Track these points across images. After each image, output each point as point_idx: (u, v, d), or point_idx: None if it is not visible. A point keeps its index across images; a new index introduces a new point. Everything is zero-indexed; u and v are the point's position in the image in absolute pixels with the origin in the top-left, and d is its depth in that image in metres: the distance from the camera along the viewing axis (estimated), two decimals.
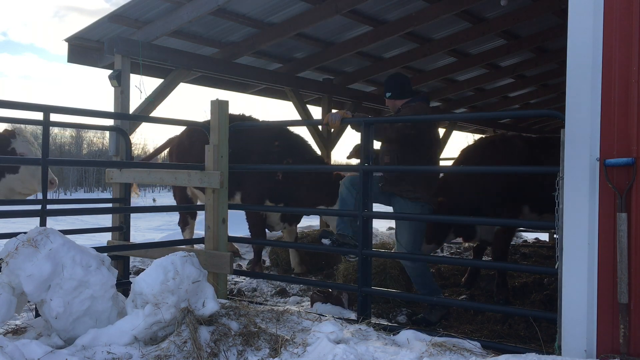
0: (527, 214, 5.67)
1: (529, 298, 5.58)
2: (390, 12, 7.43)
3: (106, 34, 6.68)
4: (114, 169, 5.21)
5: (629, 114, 3.02)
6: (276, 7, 6.84)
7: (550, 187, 3.44)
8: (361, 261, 4.36)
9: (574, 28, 3.18)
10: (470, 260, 7.36)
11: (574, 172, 3.16)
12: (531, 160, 5.63)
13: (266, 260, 7.95)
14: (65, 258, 3.20)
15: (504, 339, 4.33)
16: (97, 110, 4.72)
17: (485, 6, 7.55)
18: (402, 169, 4.79)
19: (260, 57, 8.41)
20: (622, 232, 2.99)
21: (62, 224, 15.77)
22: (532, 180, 5.38)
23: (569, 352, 3.13)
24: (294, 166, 6.57)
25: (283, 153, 6.64)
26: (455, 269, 7.04)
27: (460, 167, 5.99)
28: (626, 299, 2.98)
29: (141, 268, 6.71)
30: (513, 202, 5.58)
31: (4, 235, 4.15)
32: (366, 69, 9.50)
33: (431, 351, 3.20)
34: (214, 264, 4.52)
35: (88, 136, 54.70)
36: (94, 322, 3.24)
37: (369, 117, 4.44)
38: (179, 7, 6.22)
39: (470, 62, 9.75)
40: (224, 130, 4.70)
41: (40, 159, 4.09)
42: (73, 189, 48.78)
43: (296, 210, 6.95)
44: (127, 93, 6.20)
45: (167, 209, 5.47)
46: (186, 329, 3.17)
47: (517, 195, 5.55)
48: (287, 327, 3.59)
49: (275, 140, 6.75)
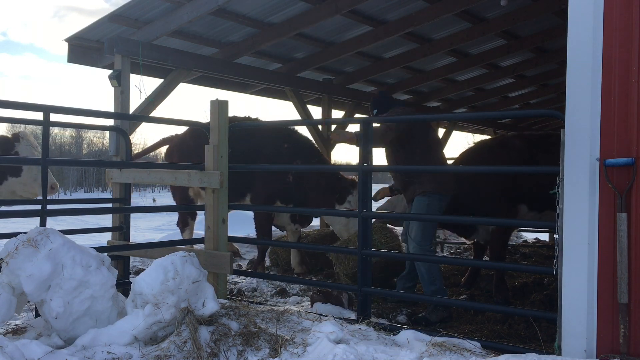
0: (525, 213, 5.68)
1: (529, 298, 5.58)
2: (390, 12, 7.43)
3: (106, 34, 6.68)
4: (114, 169, 5.21)
5: (629, 114, 3.03)
6: (276, 7, 6.84)
7: (548, 185, 3.45)
8: (361, 261, 4.36)
9: (574, 28, 3.18)
10: (470, 260, 7.36)
11: (574, 172, 3.16)
12: (531, 160, 5.62)
13: (266, 260, 7.95)
14: (65, 258, 3.20)
15: (504, 339, 4.33)
16: (97, 110, 4.72)
17: (485, 6, 7.54)
18: (402, 169, 4.81)
19: (260, 57, 8.41)
20: (622, 232, 2.99)
21: (62, 224, 15.76)
22: (530, 178, 5.39)
23: (569, 352, 3.13)
24: (295, 166, 6.58)
25: (293, 155, 6.73)
26: (455, 269, 7.04)
27: (460, 167, 5.99)
28: (626, 299, 2.98)
29: (141, 268, 6.71)
30: (509, 202, 5.58)
31: (4, 235, 4.15)
32: (366, 69, 9.50)
33: (431, 351, 3.20)
34: (214, 264, 4.52)
35: (88, 136, 54.77)
36: (94, 322, 3.24)
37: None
38: (179, 7, 6.22)
39: (470, 62, 9.75)
40: (224, 130, 4.70)
41: (40, 159, 4.09)
42: (73, 189, 48.81)
43: (298, 210, 6.95)
44: (127, 93, 6.20)
45: (167, 209, 5.47)
46: (186, 329, 3.17)
47: (513, 195, 5.55)
48: (287, 327, 3.59)
49: (285, 142, 6.81)
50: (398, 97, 11.24)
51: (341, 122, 9.56)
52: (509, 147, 5.87)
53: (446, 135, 12.88)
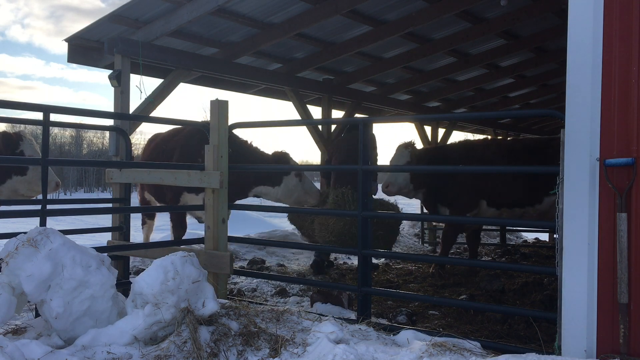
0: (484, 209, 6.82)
1: (529, 298, 5.59)
2: (390, 12, 7.43)
3: (106, 34, 6.69)
4: (114, 169, 5.21)
5: (629, 114, 3.02)
6: (276, 7, 6.84)
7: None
8: (361, 261, 4.36)
9: (574, 28, 3.18)
10: (470, 260, 7.37)
11: (574, 172, 3.16)
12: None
13: (266, 260, 7.95)
14: (65, 258, 3.20)
15: (504, 339, 4.33)
16: (97, 110, 4.73)
17: (485, 6, 7.55)
18: (401, 169, 4.81)
19: (260, 57, 8.41)
20: (622, 232, 2.99)
21: (62, 224, 15.76)
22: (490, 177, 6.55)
23: (569, 352, 3.13)
24: (301, 166, 6.59)
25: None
26: (455, 268, 7.05)
27: (460, 167, 6.02)
28: (626, 299, 2.98)
29: (141, 268, 6.71)
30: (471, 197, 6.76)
31: (4, 235, 4.15)
32: (366, 69, 9.50)
33: (431, 351, 3.20)
34: (214, 264, 4.52)
35: (88, 136, 54.79)
36: (94, 322, 3.24)
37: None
38: (179, 7, 6.22)
39: (470, 62, 9.75)
40: (224, 130, 4.70)
41: (40, 158, 4.09)
42: (73, 189, 48.81)
43: (293, 209, 6.95)
44: (127, 93, 6.21)
45: (167, 209, 5.47)
46: (186, 329, 3.17)
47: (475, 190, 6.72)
48: (287, 327, 3.59)
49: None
50: (398, 97, 11.24)
51: (341, 122, 9.57)
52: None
53: (446, 135, 12.88)
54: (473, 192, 6.73)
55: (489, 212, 6.79)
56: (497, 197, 6.70)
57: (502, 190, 6.62)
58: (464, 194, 6.75)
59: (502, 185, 6.59)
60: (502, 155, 6.77)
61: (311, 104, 10.17)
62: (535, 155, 6.57)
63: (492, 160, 6.73)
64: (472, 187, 6.71)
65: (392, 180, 6.69)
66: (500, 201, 6.72)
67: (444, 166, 6.81)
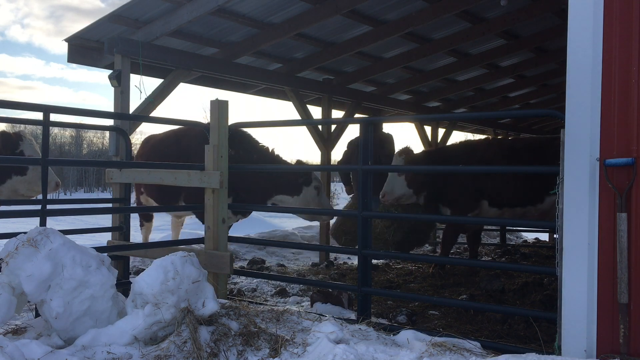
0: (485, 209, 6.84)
1: (529, 298, 5.59)
2: (390, 12, 7.42)
3: (106, 34, 6.68)
4: (114, 169, 5.21)
5: (629, 114, 3.02)
6: (276, 7, 6.83)
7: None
8: (361, 261, 4.36)
9: (574, 28, 3.18)
10: (470, 260, 7.37)
11: (574, 172, 3.16)
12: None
13: (266, 260, 7.95)
14: (65, 258, 3.20)
15: (504, 339, 4.33)
16: (97, 110, 4.73)
17: (485, 6, 7.54)
18: (401, 169, 4.82)
19: (260, 57, 8.40)
20: (622, 232, 2.99)
21: (62, 224, 15.77)
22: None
23: (569, 352, 3.13)
24: (297, 166, 6.58)
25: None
26: (455, 268, 7.05)
27: (460, 167, 6.02)
28: (626, 299, 2.98)
29: (141, 268, 6.71)
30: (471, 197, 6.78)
31: (4, 235, 4.16)
32: (366, 69, 9.49)
33: (431, 351, 3.20)
34: (214, 264, 4.52)
35: (88, 136, 54.80)
36: (94, 322, 3.24)
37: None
38: (179, 7, 6.22)
39: (470, 62, 9.74)
40: (224, 130, 4.70)
41: (40, 158, 4.09)
42: (73, 189, 48.82)
43: (298, 210, 6.95)
44: (127, 93, 6.20)
45: (167, 209, 5.47)
46: (186, 329, 3.17)
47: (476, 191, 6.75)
48: (287, 327, 3.59)
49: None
50: (398, 97, 11.24)
51: (341, 122, 9.56)
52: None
53: (446, 135, 12.87)
54: (475, 193, 6.73)
55: (491, 212, 6.78)
56: (499, 197, 6.70)
57: (504, 190, 6.62)
58: (466, 194, 6.75)
59: (504, 185, 6.59)
60: (503, 155, 6.76)
61: (311, 104, 10.16)
62: (538, 154, 6.56)
63: (493, 160, 6.72)
64: (473, 187, 6.72)
65: (389, 189, 6.59)
66: (502, 201, 6.71)
67: (444, 166, 6.81)
